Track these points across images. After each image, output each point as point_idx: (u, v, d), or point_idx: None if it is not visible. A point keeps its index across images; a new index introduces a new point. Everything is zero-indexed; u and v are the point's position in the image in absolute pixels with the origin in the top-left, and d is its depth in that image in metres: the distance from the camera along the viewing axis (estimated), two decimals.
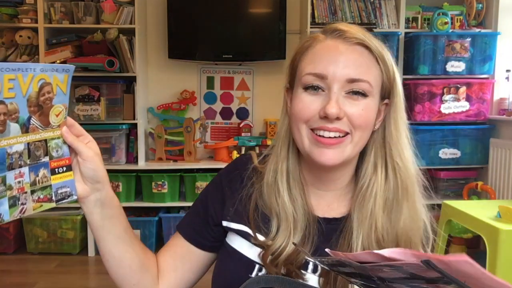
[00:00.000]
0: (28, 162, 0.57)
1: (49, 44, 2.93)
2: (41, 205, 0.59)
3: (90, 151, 0.63)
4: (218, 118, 3.32)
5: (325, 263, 0.51)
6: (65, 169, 0.62)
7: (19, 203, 0.56)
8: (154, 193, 2.94)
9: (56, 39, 2.93)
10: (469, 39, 2.85)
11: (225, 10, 3.07)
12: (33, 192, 0.58)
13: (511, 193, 2.65)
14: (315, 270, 0.71)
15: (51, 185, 0.60)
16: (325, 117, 0.67)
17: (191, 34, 3.07)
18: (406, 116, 0.74)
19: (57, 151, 0.61)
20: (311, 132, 0.69)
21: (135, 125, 3.00)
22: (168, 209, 3.09)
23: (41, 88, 0.57)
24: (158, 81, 3.23)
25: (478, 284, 0.36)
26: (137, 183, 3.01)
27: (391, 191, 0.72)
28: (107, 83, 2.92)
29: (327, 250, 0.50)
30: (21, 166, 0.56)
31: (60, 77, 0.59)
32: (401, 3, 2.92)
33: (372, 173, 0.73)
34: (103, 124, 2.91)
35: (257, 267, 0.73)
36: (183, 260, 0.79)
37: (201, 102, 3.29)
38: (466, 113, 2.89)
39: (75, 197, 0.63)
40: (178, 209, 3.09)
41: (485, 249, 1.85)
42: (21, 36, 2.90)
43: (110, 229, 0.69)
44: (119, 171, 2.91)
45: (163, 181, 2.93)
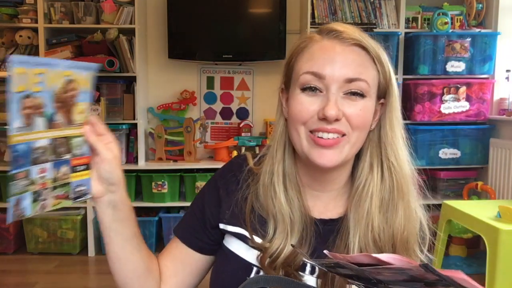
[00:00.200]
0: (51, 158, 0.57)
1: (49, 44, 2.93)
2: (60, 202, 0.58)
3: (109, 153, 0.62)
4: (218, 118, 3.32)
5: (324, 265, 0.51)
6: (84, 167, 0.61)
7: (40, 198, 0.56)
8: (154, 193, 2.94)
9: (56, 39, 2.92)
10: (469, 39, 2.85)
11: (225, 10, 3.07)
12: (54, 188, 0.57)
13: (511, 193, 2.65)
14: (313, 271, 0.71)
15: (70, 183, 0.60)
16: (323, 118, 0.66)
17: (191, 34, 3.07)
18: (401, 116, 0.73)
19: (79, 149, 0.61)
20: (310, 133, 0.69)
21: (135, 125, 3.00)
22: (168, 209, 3.09)
23: (67, 84, 0.57)
24: (158, 81, 3.23)
25: None
26: (137, 183, 3.01)
27: (387, 190, 0.72)
28: (107, 83, 2.92)
29: (325, 252, 0.50)
30: (44, 161, 0.56)
31: (84, 75, 0.59)
32: (401, 3, 2.92)
33: (368, 173, 0.73)
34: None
35: (255, 269, 0.73)
36: (183, 264, 0.79)
37: (201, 102, 3.29)
38: (466, 113, 2.89)
39: (90, 196, 0.63)
40: (178, 209, 3.09)
41: (485, 249, 1.86)
42: (21, 36, 2.90)
43: (119, 231, 0.68)
44: None
45: (163, 181, 2.93)
